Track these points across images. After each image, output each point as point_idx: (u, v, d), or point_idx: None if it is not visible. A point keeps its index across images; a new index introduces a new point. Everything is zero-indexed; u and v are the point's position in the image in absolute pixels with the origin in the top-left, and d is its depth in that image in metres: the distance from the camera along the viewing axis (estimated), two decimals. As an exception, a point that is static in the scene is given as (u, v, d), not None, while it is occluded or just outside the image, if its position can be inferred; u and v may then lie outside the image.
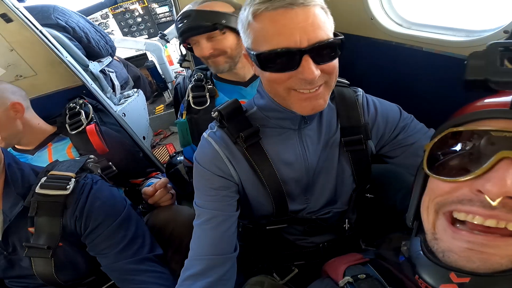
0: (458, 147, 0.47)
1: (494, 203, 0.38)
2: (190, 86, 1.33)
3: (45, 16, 2.04)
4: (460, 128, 0.47)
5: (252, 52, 0.73)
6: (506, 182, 0.37)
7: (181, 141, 1.36)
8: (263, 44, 0.70)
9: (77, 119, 1.45)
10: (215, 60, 1.22)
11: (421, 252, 0.50)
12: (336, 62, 0.73)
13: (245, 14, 0.73)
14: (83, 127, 1.42)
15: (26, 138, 1.38)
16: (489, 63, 0.44)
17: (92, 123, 1.45)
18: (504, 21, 0.83)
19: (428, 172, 0.49)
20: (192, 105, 1.28)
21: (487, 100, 0.49)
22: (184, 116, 1.32)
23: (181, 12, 1.20)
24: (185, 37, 1.22)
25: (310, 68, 0.67)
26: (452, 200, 0.44)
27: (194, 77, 1.37)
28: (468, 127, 0.46)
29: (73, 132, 1.41)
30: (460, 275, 0.43)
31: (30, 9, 1.63)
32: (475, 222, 0.42)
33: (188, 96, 1.31)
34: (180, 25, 1.19)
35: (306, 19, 0.65)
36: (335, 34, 0.72)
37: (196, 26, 1.15)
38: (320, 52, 0.68)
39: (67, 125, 1.44)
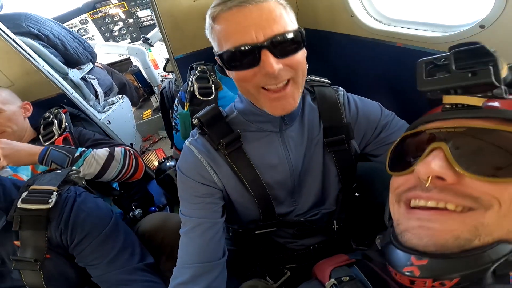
0: (408, 148, 0.57)
1: (427, 184, 0.47)
2: (194, 77, 1.32)
3: (16, 24, 1.97)
4: (406, 133, 0.58)
5: (217, 54, 0.74)
6: (431, 164, 0.46)
7: (183, 132, 1.35)
8: (224, 44, 0.71)
9: (49, 129, 1.45)
10: None
11: (390, 241, 0.54)
12: (299, 56, 0.72)
13: (207, 20, 0.74)
14: (55, 138, 1.42)
15: (23, 139, 1.43)
16: (417, 77, 0.55)
17: (65, 132, 1.44)
18: (480, 15, 0.84)
19: (389, 171, 0.59)
20: (198, 96, 1.27)
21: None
22: (186, 108, 1.31)
23: None
24: None
25: (270, 62, 0.67)
26: (404, 189, 0.53)
27: (197, 69, 1.37)
28: (411, 131, 0.57)
29: (46, 144, 1.41)
30: (419, 258, 0.47)
31: (0, 18, 1.58)
32: (421, 205, 0.49)
33: (192, 87, 1.29)
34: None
35: (260, 15, 0.66)
36: (298, 29, 0.72)
37: None
38: (279, 45, 0.67)
39: (40, 137, 1.45)
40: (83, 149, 1.31)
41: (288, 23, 0.70)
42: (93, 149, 1.37)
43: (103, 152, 1.32)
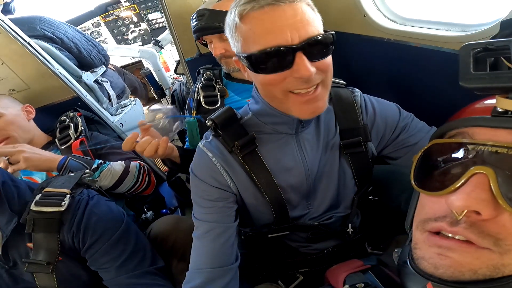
0: (442, 159, 0.46)
1: (459, 217, 0.39)
2: (200, 85, 1.32)
3: (31, 27, 1.99)
4: (441, 140, 0.47)
5: (242, 55, 0.71)
6: (470, 197, 0.38)
7: (190, 141, 1.35)
8: (253, 45, 0.67)
9: (66, 133, 1.48)
10: (227, 61, 1.25)
11: (407, 261, 0.49)
12: (329, 59, 0.70)
13: (231, 17, 0.71)
14: (71, 142, 1.45)
15: (31, 142, 1.44)
16: (460, 67, 0.42)
17: (81, 136, 1.47)
18: (502, 14, 0.81)
19: (413, 184, 0.48)
20: (203, 105, 1.28)
21: (481, 103, 0.48)
22: (193, 116, 1.31)
23: (197, 10, 1.23)
24: (198, 35, 1.25)
25: (305, 65, 0.64)
26: (430, 217, 0.44)
27: (203, 76, 1.37)
28: (448, 140, 0.46)
29: (63, 147, 1.45)
30: (436, 285, 0.43)
31: (15, 21, 1.61)
32: (449, 235, 0.42)
33: (198, 96, 1.30)
34: (194, 23, 1.22)
35: (294, 15, 0.64)
36: (325, 31, 0.70)
37: (208, 26, 1.18)
38: (313, 48, 0.65)
39: (56, 140, 1.48)
40: (100, 161, 1.33)
41: (319, 25, 0.68)
42: (108, 157, 1.41)
43: (119, 166, 1.34)
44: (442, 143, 0.47)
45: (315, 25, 0.67)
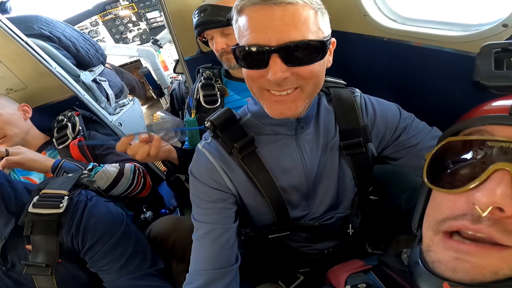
0: (458, 157, 0.46)
1: (483, 214, 0.38)
2: (199, 84, 1.32)
3: (28, 26, 1.98)
4: (458, 138, 0.46)
5: (233, 47, 0.72)
6: (496, 193, 0.37)
7: (190, 140, 1.35)
8: (241, 38, 0.69)
9: (63, 133, 1.47)
10: (228, 57, 1.23)
11: (419, 261, 0.48)
12: (314, 66, 0.68)
13: (233, 10, 0.72)
14: (68, 141, 1.44)
15: (28, 142, 1.45)
16: (480, 66, 0.43)
17: (79, 136, 1.46)
18: (503, 14, 0.81)
19: (427, 182, 0.48)
20: (203, 104, 1.27)
21: (493, 104, 0.47)
22: (193, 115, 1.31)
23: (199, 6, 1.22)
24: (199, 30, 1.24)
25: (275, 69, 0.65)
26: (449, 216, 0.44)
27: (203, 75, 1.37)
28: (466, 137, 0.45)
29: (60, 147, 1.44)
30: (453, 285, 0.42)
31: (11, 20, 1.59)
32: (469, 232, 0.41)
33: (198, 95, 1.29)
34: (196, 18, 1.21)
35: (281, 17, 0.63)
36: (313, 40, 0.67)
37: (210, 20, 1.17)
38: (291, 53, 0.64)
39: (54, 140, 1.47)
40: (95, 164, 1.33)
41: (312, 30, 0.66)
42: (106, 157, 1.41)
43: (113, 168, 1.34)
44: (459, 141, 0.46)
45: (303, 30, 0.64)
